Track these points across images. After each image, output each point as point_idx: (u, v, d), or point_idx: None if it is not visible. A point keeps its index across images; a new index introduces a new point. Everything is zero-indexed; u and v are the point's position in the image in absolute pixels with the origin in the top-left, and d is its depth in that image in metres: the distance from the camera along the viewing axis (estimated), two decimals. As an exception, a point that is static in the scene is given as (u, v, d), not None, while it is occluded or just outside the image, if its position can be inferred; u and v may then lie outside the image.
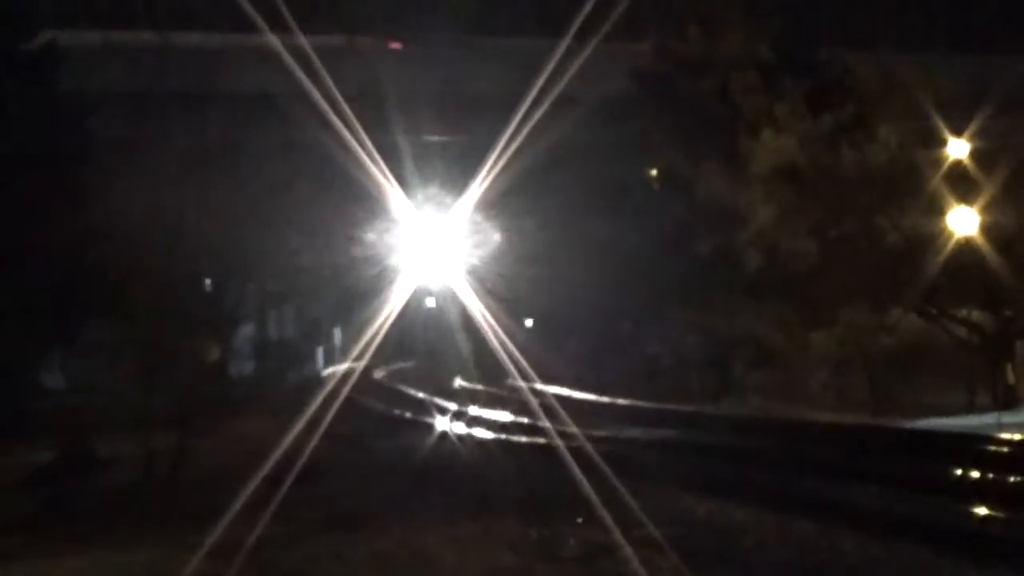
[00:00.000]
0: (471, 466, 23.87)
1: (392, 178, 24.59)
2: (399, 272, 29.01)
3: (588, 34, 22.94)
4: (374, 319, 24.85)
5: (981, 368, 34.77)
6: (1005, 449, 17.39)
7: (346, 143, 21.72)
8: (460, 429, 30.40)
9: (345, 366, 37.22)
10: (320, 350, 51.96)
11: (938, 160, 33.49)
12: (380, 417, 35.29)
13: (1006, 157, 32.34)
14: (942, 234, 32.71)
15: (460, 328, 31.39)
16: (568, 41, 22.08)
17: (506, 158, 24.13)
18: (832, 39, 38.14)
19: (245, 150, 31.90)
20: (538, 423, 25.21)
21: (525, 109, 22.47)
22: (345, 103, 21.18)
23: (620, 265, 38.11)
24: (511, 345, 23.91)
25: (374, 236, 31.15)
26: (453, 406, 34.37)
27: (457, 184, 27.59)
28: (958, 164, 33.18)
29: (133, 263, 26.71)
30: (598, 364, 42.56)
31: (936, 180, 33.35)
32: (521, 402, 29.17)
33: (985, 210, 32.43)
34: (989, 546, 13.83)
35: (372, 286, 28.81)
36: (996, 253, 31.86)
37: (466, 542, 16.20)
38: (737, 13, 38.53)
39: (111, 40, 34.02)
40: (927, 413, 29.28)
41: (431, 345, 43.11)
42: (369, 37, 34.55)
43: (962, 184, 32.90)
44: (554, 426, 23.54)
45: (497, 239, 33.58)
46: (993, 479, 16.08)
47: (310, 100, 20.27)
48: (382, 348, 38.70)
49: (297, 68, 19.58)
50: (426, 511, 18.41)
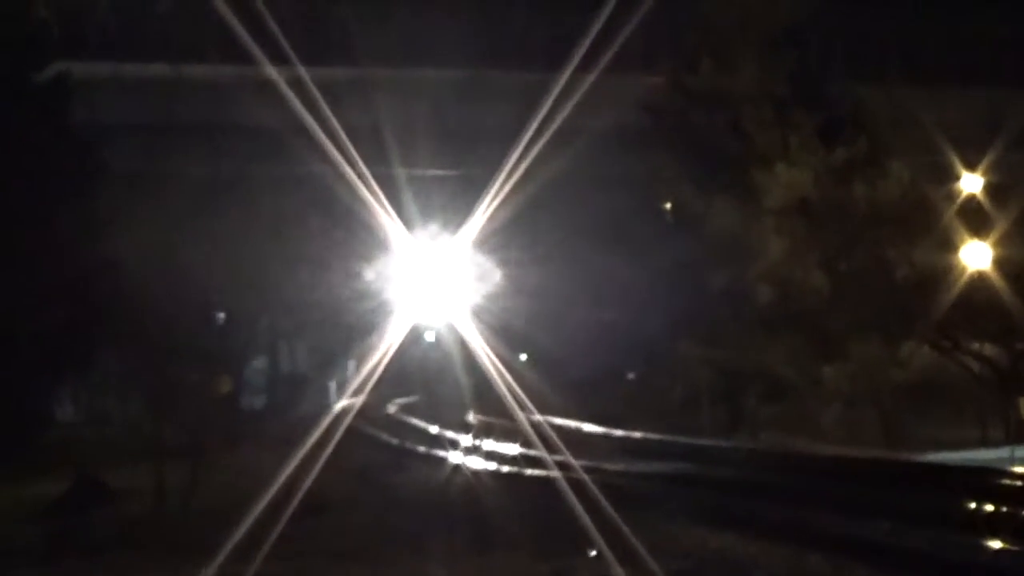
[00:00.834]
0: (482, 499, 23.81)
1: (392, 212, 24.60)
2: (400, 306, 29.00)
3: (593, 68, 22.95)
4: (376, 353, 24.83)
5: (994, 402, 34.70)
6: (1019, 483, 17.31)
7: (349, 177, 21.74)
8: (472, 462, 30.32)
9: (348, 401, 37.31)
10: (332, 383, 51.89)
11: (951, 194, 33.51)
12: (390, 450, 35.24)
13: (1019, 191, 32.35)
14: (955, 268, 32.72)
15: (463, 362, 31.32)
16: (570, 74, 22.07)
17: (508, 190, 24.12)
18: (845, 74, 38.15)
19: (256, 183, 31.96)
20: (549, 456, 25.16)
21: (526, 142, 22.46)
22: (347, 136, 21.18)
23: (630, 299, 38.06)
24: (511, 379, 23.83)
25: (376, 270, 31.17)
26: (465, 439, 34.29)
27: (460, 218, 27.57)
28: (971, 198, 33.19)
29: (145, 296, 26.73)
30: (608, 398, 42.44)
31: (949, 214, 33.36)
32: (533, 435, 29.11)
33: (998, 244, 32.42)
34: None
35: (373, 320, 28.79)
36: (1009, 287, 31.85)
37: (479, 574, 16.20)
38: (750, 47, 38.52)
39: (122, 72, 34.12)
40: (939, 447, 29.21)
41: (432, 379, 42.96)
42: (372, 70, 34.50)
43: (975, 218, 32.91)
44: (564, 459, 23.49)
45: (500, 273, 33.56)
46: (1006, 513, 16.01)
47: (320, 134, 20.29)
48: (389, 382, 38.80)
49: (296, 100, 19.60)
50: (438, 544, 18.38)
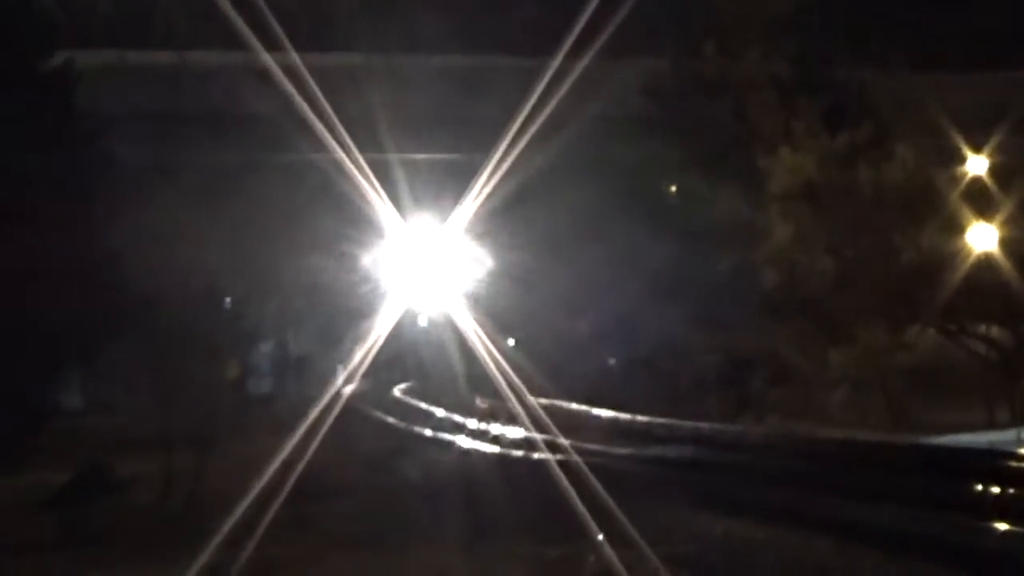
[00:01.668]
0: (490, 483, 23.82)
1: (387, 198, 24.63)
2: (394, 292, 29.05)
3: (588, 53, 22.91)
4: (373, 338, 24.87)
5: (1000, 384, 34.71)
6: (1025, 465, 17.35)
7: (344, 163, 21.77)
8: (479, 446, 30.34)
9: (353, 386, 37.27)
10: (340, 367, 51.79)
11: (956, 177, 33.50)
12: (399, 434, 35.28)
13: (1024, 173, 32.39)
14: (960, 251, 32.72)
15: (457, 347, 31.38)
16: (565, 60, 22.01)
17: (502, 176, 24.08)
18: (849, 58, 38.12)
19: (254, 170, 31.96)
20: (557, 440, 25.18)
21: (518, 127, 22.41)
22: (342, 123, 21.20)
23: (636, 284, 38.09)
24: (505, 364, 23.79)
25: (371, 256, 31.20)
26: (470, 422, 34.31)
27: (454, 204, 27.58)
28: (976, 181, 33.18)
29: (152, 283, 26.77)
30: (614, 382, 42.50)
31: (954, 197, 33.36)
32: (540, 419, 29.13)
33: (1004, 226, 32.43)
34: (1010, 563, 13.79)
35: (369, 305, 28.84)
36: (1015, 269, 31.84)
37: (487, 561, 16.21)
38: (754, 32, 38.54)
39: (127, 60, 34.11)
40: (946, 430, 29.20)
41: (426, 364, 42.87)
42: (367, 57, 34.47)
43: (980, 201, 32.90)
44: (571, 443, 23.50)
45: (494, 258, 33.62)
46: (1013, 495, 16.02)
47: (315, 121, 20.29)
48: (384, 367, 38.78)
49: (289, 86, 19.58)
50: (446, 529, 18.41)
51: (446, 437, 32.87)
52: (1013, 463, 17.70)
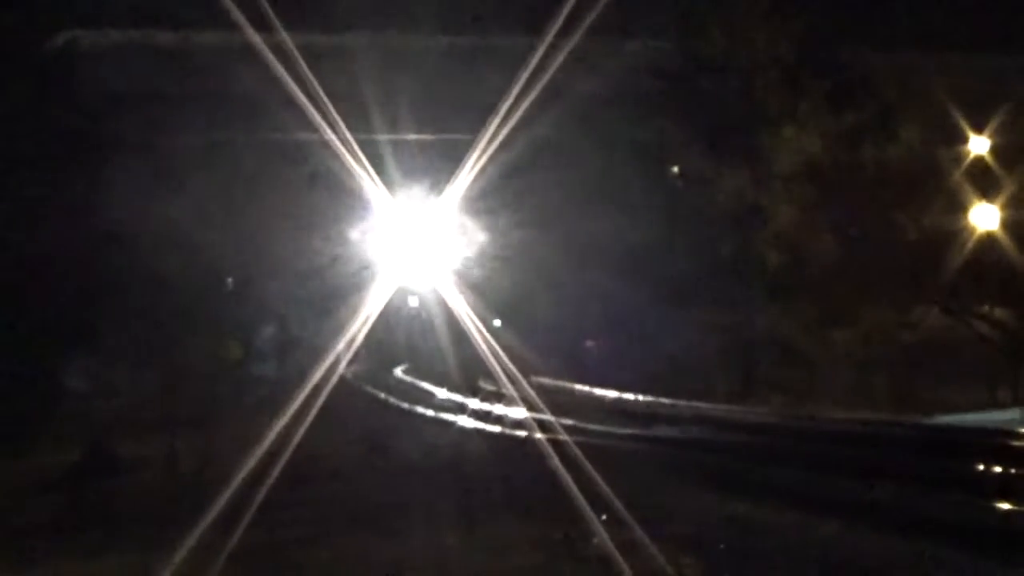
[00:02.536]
0: (493, 465, 23.86)
1: (376, 177, 24.63)
2: (385, 271, 29.08)
3: (590, 31, 22.83)
4: (368, 318, 24.93)
5: (1003, 364, 34.72)
6: (1028, 444, 17.37)
7: (333, 143, 21.78)
8: (479, 426, 30.37)
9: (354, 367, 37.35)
10: (340, 349, 51.70)
11: (960, 157, 33.46)
12: (400, 414, 35.35)
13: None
14: (964, 231, 32.71)
15: (448, 326, 31.36)
16: (554, 39, 21.94)
17: (493, 154, 24.06)
18: (854, 38, 37.99)
19: (257, 150, 31.91)
20: (560, 421, 25.19)
21: (508, 106, 22.36)
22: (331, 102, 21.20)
23: (639, 264, 38.04)
24: (495, 344, 23.79)
25: (362, 235, 31.20)
26: (470, 402, 34.35)
27: (445, 182, 27.57)
28: (980, 161, 33.15)
29: (154, 265, 26.78)
30: (618, 363, 42.44)
31: (958, 177, 33.34)
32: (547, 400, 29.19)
33: (1007, 206, 32.42)
34: (1013, 542, 13.80)
35: (361, 285, 28.84)
36: (1018, 249, 31.84)
37: (491, 542, 16.22)
38: (759, 13, 38.41)
39: (129, 40, 33.99)
40: (949, 409, 29.23)
41: (416, 344, 42.79)
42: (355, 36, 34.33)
43: (984, 180, 32.88)
44: (573, 423, 23.53)
45: (487, 237, 33.61)
46: (1016, 474, 16.04)
47: (304, 101, 20.28)
48: (375, 347, 38.76)
49: (279, 66, 19.56)
50: (449, 511, 18.42)
51: (447, 417, 32.94)
52: (1016, 443, 17.73)
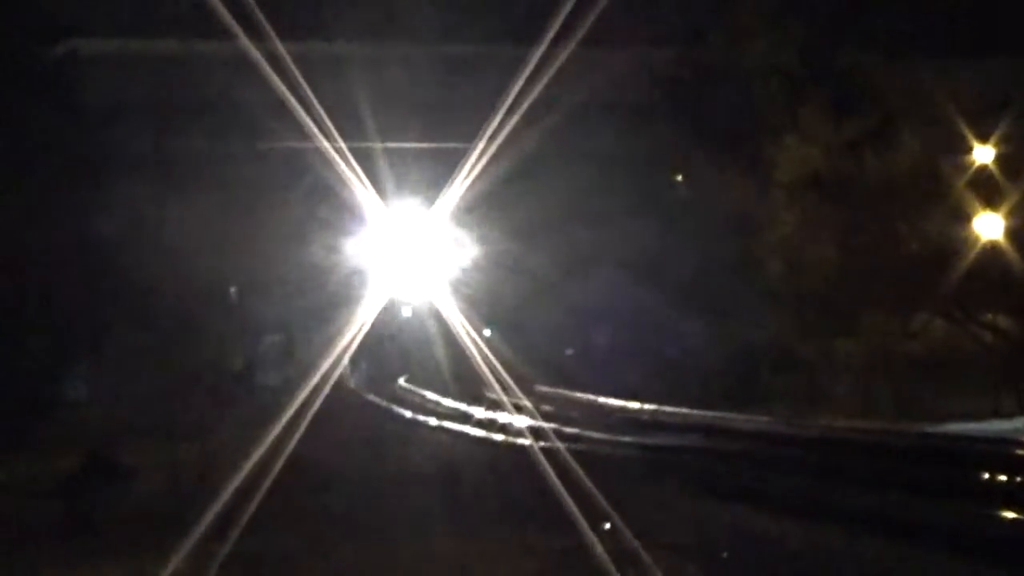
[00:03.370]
0: (493, 473, 23.79)
1: (370, 186, 24.66)
2: (379, 280, 29.11)
3: (590, 39, 22.81)
4: (363, 327, 24.97)
5: (1006, 373, 34.65)
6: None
7: (327, 152, 21.82)
8: (481, 435, 30.30)
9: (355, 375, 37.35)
10: (342, 358, 51.62)
11: (962, 166, 33.43)
12: (403, 423, 35.31)
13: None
14: (967, 239, 32.67)
15: (441, 336, 31.38)
16: (565, 47, 21.91)
17: (487, 163, 24.06)
18: (856, 46, 37.98)
19: (251, 159, 31.93)
20: (563, 429, 25.18)
21: (502, 115, 22.34)
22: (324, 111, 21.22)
23: (639, 272, 38.05)
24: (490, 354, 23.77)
25: (356, 245, 31.24)
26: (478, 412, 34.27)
27: (439, 192, 27.59)
28: (983, 169, 33.12)
29: (157, 273, 26.76)
30: (618, 370, 42.38)
31: (960, 186, 33.30)
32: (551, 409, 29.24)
33: (1010, 215, 32.39)
34: (1017, 551, 13.75)
35: (355, 294, 28.87)
36: (1021, 258, 31.80)
37: (490, 551, 16.18)
38: (760, 21, 38.43)
39: (130, 49, 33.99)
40: (952, 418, 29.17)
41: (410, 353, 42.76)
42: (349, 45, 34.32)
43: (987, 189, 32.84)
44: (575, 431, 23.49)
45: (481, 247, 33.66)
46: (1020, 483, 16.01)
47: (299, 109, 20.30)
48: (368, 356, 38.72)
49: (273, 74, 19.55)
50: (449, 520, 18.38)
51: (448, 424, 32.91)
52: (1020, 451, 17.70)
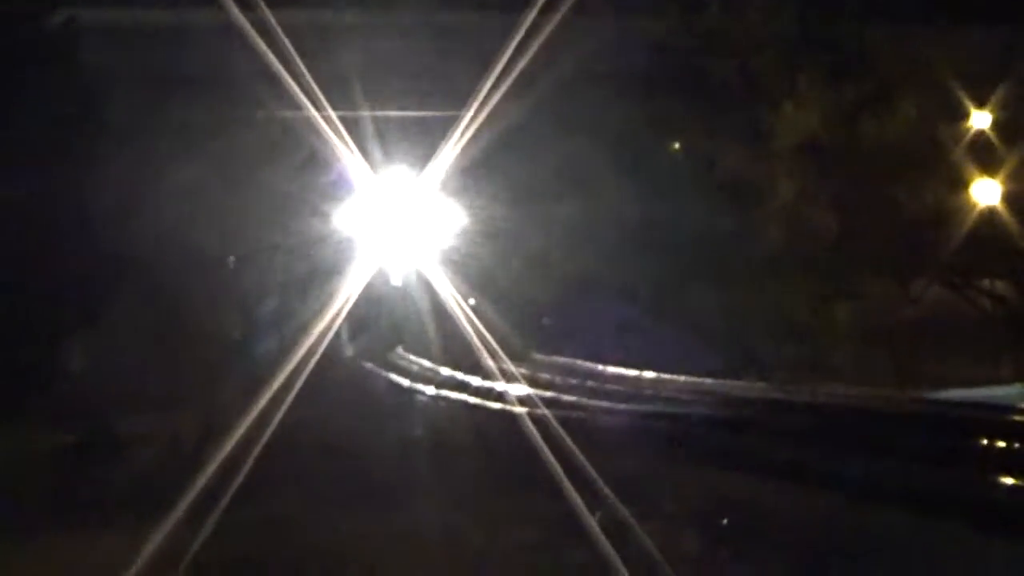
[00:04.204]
0: (494, 441, 23.79)
1: (359, 154, 24.65)
2: (368, 249, 29.12)
3: (584, 6, 22.76)
4: (359, 297, 25.00)
5: (1006, 339, 34.69)
6: (1031, 419, 17.33)
7: (316, 120, 21.84)
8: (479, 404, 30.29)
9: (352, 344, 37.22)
10: (340, 327, 51.53)
11: (960, 132, 33.39)
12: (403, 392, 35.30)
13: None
14: (965, 206, 32.66)
15: (431, 306, 31.35)
16: (558, 14, 21.86)
17: (476, 131, 24.04)
18: (853, 12, 37.86)
19: (244, 128, 31.86)
20: (560, 398, 25.19)
21: (491, 83, 22.32)
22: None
23: (637, 240, 37.94)
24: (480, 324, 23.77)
25: (347, 213, 31.22)
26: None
27: (429, 160, 27.57)
28: (981, 135, 33.09)
29: (154, 243, 26.72)
30: (617, 340, 42.34)
31: (958, 152, 33.27)
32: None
33: (1008, 181, 32.36)
34: (1016, 518, 13.76)
35: (344, 263, 28.89)
36: (1020, 223, 31.81)
37: (493, 519, 16.20)
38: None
39: (128, 18, 33.87)
40: (952, 384, 29.22)
41: (399, 323, 42.68)
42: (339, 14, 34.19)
43: (985, 155, 32.82)
44: (571, 398, 23.48)
45: (472, 215, 33.61)
46: (1019, 449, 16.00)
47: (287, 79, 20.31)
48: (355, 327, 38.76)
49: (262, 43, 19.53)
50: (452, 488, 18.40)
51: (445, 392, 32.90)
52: (1019, 418, 17.69)
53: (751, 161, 36.25)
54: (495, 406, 28.52)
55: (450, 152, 24.81)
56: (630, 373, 33.72)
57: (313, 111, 22.00)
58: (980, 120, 33.15)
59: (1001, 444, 16.31)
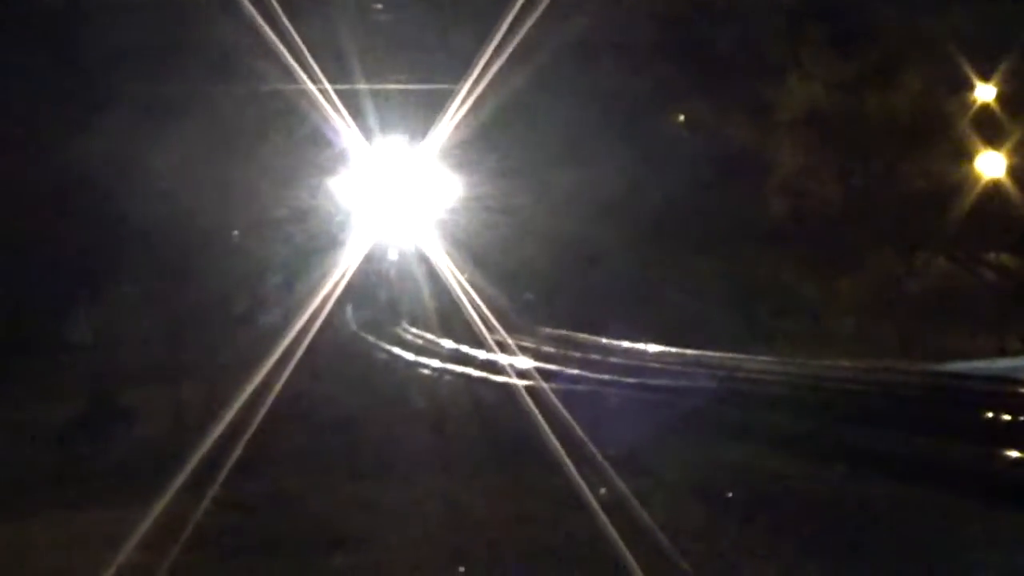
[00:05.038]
0: (496, 414, 23.78)
1: (355, 126, 24.62)
2: (365, 222, 29.12)
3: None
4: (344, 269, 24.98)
5: (1010, 311, 34.67)
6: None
7: (312, 93, 21.80)
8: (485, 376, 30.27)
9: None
10: (342, 300, 51.54)
11: (965, 104, 33.32)
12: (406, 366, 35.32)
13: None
14: (969, 178, 32.61)
15: (427, 278, 31.33)
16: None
17: (475, 103, 23.96)
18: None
19: (264, 100, 31.79)
20: (565, 370, 25.18)
21: (490, 53, 22.23)
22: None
23: (641, 213, 37.89)
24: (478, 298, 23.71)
25: (343, 186, 31.18)
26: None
27: (426, 131, 27.51)
28: (985, 108, 33.02)
29: (158, 215, 26.66)
30: (621, 312, 42.32)
31: (963, 124, 33.21)
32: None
33: (1012, 153, 32.31)
34: (1020, 490, 13.75)
35: (342, 236, 28.88)
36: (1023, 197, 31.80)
37: (494, 491, 16.20)
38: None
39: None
40: (956, 357, 29.18)
41: (396, 296, 42.61)
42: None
43: (989, 128, 32.75)
44: (578, 371, 23.46)
45: (472, 187, 33.56)
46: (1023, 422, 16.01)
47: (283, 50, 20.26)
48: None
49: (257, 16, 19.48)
50: (455, 461, 18.39)
51: (447, 366, 32.90)
52: (1022, 390, 17.68)
53: (755, 133, 36.20)
54: (498, 379, 28.56)
55: (448, 125, 24.72)
56: (635, 346, 33.75)
57: (310, 85, 21.94)
58: (985, 93, 33.07)
59: (1006, 416, 16.32)
